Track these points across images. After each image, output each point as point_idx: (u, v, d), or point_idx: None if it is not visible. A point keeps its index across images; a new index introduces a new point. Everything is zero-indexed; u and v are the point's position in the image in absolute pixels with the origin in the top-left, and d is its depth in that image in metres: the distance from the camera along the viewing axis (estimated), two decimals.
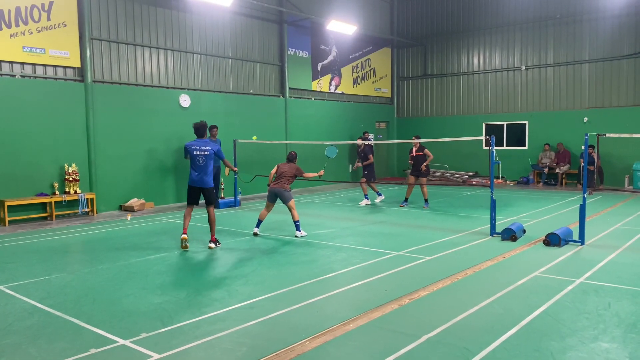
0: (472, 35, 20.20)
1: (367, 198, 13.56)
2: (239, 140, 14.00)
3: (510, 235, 8.52)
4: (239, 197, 13.68)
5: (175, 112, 14.09)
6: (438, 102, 21.33)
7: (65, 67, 12.09)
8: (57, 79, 11.98)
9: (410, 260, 7.29)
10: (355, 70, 20.32)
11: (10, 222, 11.05)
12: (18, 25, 11.20)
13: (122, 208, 12.95)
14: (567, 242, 8.17)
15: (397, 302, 5.44)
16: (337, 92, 19.52)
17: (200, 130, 8.23)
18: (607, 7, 17.13)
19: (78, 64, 12.22)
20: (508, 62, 19.43)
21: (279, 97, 17.26)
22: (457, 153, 20.18)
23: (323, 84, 18.93)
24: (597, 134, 9.06)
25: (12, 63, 11.26)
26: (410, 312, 5.19)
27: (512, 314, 5.02)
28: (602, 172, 16.78)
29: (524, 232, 8.92)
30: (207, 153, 8.08)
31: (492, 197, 9.04)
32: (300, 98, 18.06)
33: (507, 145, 19.43)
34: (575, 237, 8.26)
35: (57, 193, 11.73)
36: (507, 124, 19.51)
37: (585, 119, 17.66)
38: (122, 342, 4.48)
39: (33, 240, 9.26)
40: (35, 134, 11.52)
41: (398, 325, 4.80)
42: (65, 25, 11.95)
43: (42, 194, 11.58)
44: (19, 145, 11.31)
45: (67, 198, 11.73)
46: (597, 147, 12.83)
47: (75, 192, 11.97)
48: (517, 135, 19.31)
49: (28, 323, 5.00)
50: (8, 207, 10.97)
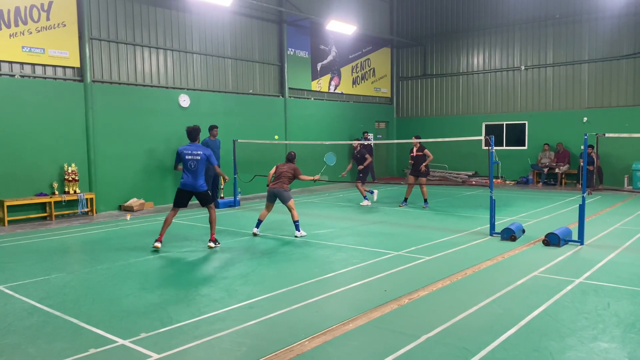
0: (471, 35, 20.21)
1: (366, 199, 13.58)
2: (239, 140, 14.00)
3: (510, 235, 8.52)
4: (239, 197, 13.68)
5: (175, 112, 14.09)
6: (438, 102, 21.34)
7: (65, 67, 12.09)
8: (56, 79, 11.98)
9: (410, 260, 7.30)
10: (355, 70, 20.32)
11: (10, 222, 11.05)
12: (17, 25, 11.20)
13: (121, 208, 12.95)
14: (566, 242, 8.18)
15: (396, 302, 5.44)
16: (336, 92, 19.52)
17: (193, 134, 8.19)
18: (606, 7, 17.14)
19: (77, 64, 12.22)
20: (507, 62, 19.44)
21: (279, 97, 17.26)
22: (456, 153, 20.19)
23: (322, 84, 18.93)
24: (596, 134, 9.06)
25: (11, 63, 11.26)
26: (410, 312, 5.19)
27: (511, 314, 5.02)
28: (601, 172, 16.78)
29: (524, 232, 8.92)
30: (198, 157, 8.05)
31: (491, 197, 9.05)
32: (300, 98, 18.06)
33: (506, 145, 19.44)
34: (575, 237, 8.26)
35: (56, 193, 11.72)
36: (506, 124, 19.52)
37: (585, 119, 17.67)
38: (121, 342, 4.48)
39: (32, 240, 9.26)
40: (35, 134, 11.52)
41: (397, 325, 4.80)
42: (65, 25, 11.95)
43: (41, 194, 11.58)
44: (19, 145, 11.30)
45: (66, 198, 11.73)
46: (596, 147, 12.83)
47: (75, 192, 11.97)
48: (516, 135, 19.32)
49: (27, 323, 5.00)
50: (7, 207, 10.97)
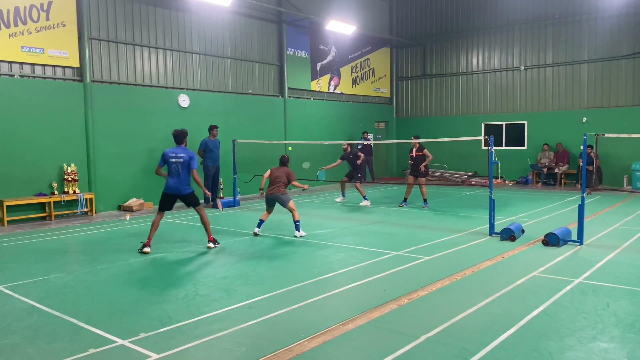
0: (471, 35, 20.21)
1: (366, 198, 13.57)
2: (238, 140, 14.00)
3: (509, 235, 8.53)
4: (238, 197, 13.68)
5: (175, 112, 14.09)
6: (437, 102, 21.34)
7: (64, 67, 12.08)
8: (56, 79, 11.97)
9: (409, 260, 7.30)
10: (355, 70, 20.32)
11: (9, 222, 11.05)
12: (17, 25, 11.19)
13: (121, 208, 12.95)
14: (565, 242, 8.18)
15: (396, 302, 5.45)
16: (336, 92, 19.52)
17: (179, 138, 8.21)
18: (606, 7, 17.15)
19: (77, 64, 12.22)
20: (507, 62, 19.44)
21: (278, 97, 17.26)
22: (456, 153, 20.19)
23: (322, 84, 18.93)
24: (595, 134, 9.06)
25: (10, 63, 11.25)
26: (409, 312, 5.20)
27: (510, 314, 5.03)
28: (600, 172, 16.79)
29: (523, 232, 8.92)
30: (181, 160, 8.04)
31: (491, 197, 9.05)
32: (300, 98, 18.06)
33: (506, 145, 19.44)
34: (574, 237, 8.27)
35: (56, 193, 11.72)
36: (506, 124, 19.52)
37: (584, 119, 17.67)
38: (120, 342, 4.48)
39: (32, 240, 9.25)
40: (34, 134, 11.51)
41: (397, 325, 4.80)
42: (64, 25, 11.94)
43: (41, 194, 11.57)
44: (18, 145, 11.30)
45: (66, 198, 11.73)
46: (595, 147, 12.83)
47: (74, 192, 11.96)
48: (516, 135, 19.32)
49: (27, 323, 5.00)
50: (7, 207, 10.96)
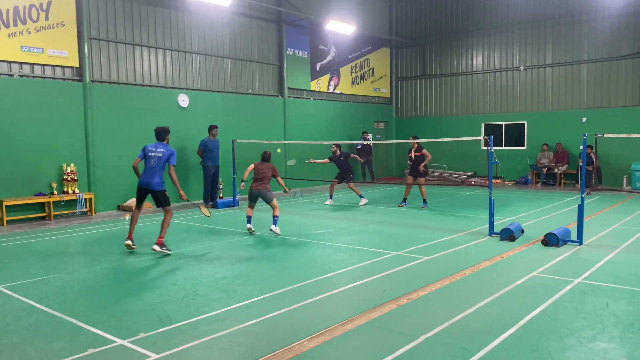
0: (470, 36, 20.21)
1: (362, 197, 13.59)
2: (238, 140, 13.99)
3: (509, 235, 8.53)
4: (238, 197, 13.67)
5: (174, 112, 14.08)
6: (437, 102, 21.34)
7: (64, 66, 12.07)
8: (55, 79, 11.97)
9: (409, 260, 7.30)
10: (354, 70, 20.32)
11: (9, 222, 11.04)
12: (16, 25, 11.18)
13: (120, 208, 12.94)
14: (565, 242, 8.18)
15: (395, 302, 5.44)
16: (335, 92, 19.51)
17: (161, 135, 8.26)
18: (605, 7, 17.15)
19: (76, 64, 12.21)
20: (507, 62, 19.44)
21: (278, 97, 17.26)
22: (455, 153, 20.18)
23: (322, 84, 18.93)
24: (595, 134, 9.06)
25: (10, 63, 11.24)
26: (409, 312, 5.20)
27: (510, 314, 5.03)
28: (600, 172, 16.80)
29: (523, 232, 8.92)
30: (160, 155, 8.04)
31: (490, 197, 9.05)
32: (299, 98, 18.05)
33: (505, 146, 19.44)
34: (574, 237, 8.27)
35: (55, 193, 11.71)
36: (505, 124, 19.52)
37: (584, 119, 17.67)
38: (120, 342, 4.47)
39: (31, 240, 9.25)
40: (34, 134, 11.51)
41: (396, 325, 4.80)
42: (64, 25, 11.93)
43: (40, 194, 11.56)
44: (17, 145, 11.29)
45: (65, 198, 11.72)
46: (595, 147, 12.84)
47: (74, 192, 11.95)
48: (515, 136, 19.32)
49: (26, 323, 5.00)
50: (6, 206, 10.96)
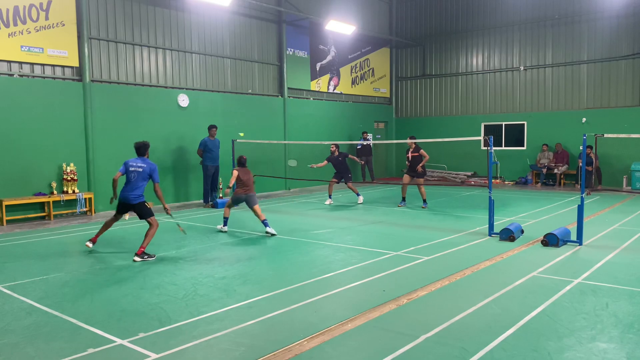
0: (470, 36, 20.21)
1: (359, 195, 13.62)
2: (238, 140, 13.99)
3: (509, 236, 8.53)
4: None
5: (174, 111, 14.08)
6: (437, 102, 21.34)
7: (64, 66, 12.07)
8: (55, 79, 11.96)
9: (409, 260, 7.30)
10: (354, 70, 20.32)
11: (8, 221, 11.03)
12: (16, 25, 11.18)
13: None
14: (565, 242, 8.18)
15: (395, 302, 5.44)
16: (335, 92, 19.51)
17: (141, 150, 8.26)
18: (605, 7, 17.15)
19: (76, 64, 12.21)
20: (507, 62, 19.44)
21: (278, 97, 17.25)
22: (455, 153, 20.18)
23: (322, 84, 18.93)
24: (595, 135, 9.07)
25: (10, 62, 11.23)
26: (408, 312, 5.20)
27: (509, 314, 5.03)
28: (600, 172, 16.80)
29: (522, 232, 8.92)
30: (140, 170, 8.05)
31: (490, 197, 9.05)
32: (299, 98, 18.05)
33: (505, 146, 19.44)
34: (573, 237, 8.27)
35: (55, 193, 11.70)
36: (505, 124, 19.53)
37: (584, 120, 17.67)
38: (119, 341, 4.47)
39: (31, 240, 9.25)
40: (34, 134, 11.50)
41: (396, 325, 4.80)
42: (64, 25, 11.93)
43: (40, 194, 11.56)
44: (17, 145, 11.28)
45: (65, 198, 11.71)
46: (595, 147, 12.85)
47: (74, 191, 11.95)
48: (515, 136, 19.32)
49: (26, 323, 5.00)
50: (6, 206, 10.95)
